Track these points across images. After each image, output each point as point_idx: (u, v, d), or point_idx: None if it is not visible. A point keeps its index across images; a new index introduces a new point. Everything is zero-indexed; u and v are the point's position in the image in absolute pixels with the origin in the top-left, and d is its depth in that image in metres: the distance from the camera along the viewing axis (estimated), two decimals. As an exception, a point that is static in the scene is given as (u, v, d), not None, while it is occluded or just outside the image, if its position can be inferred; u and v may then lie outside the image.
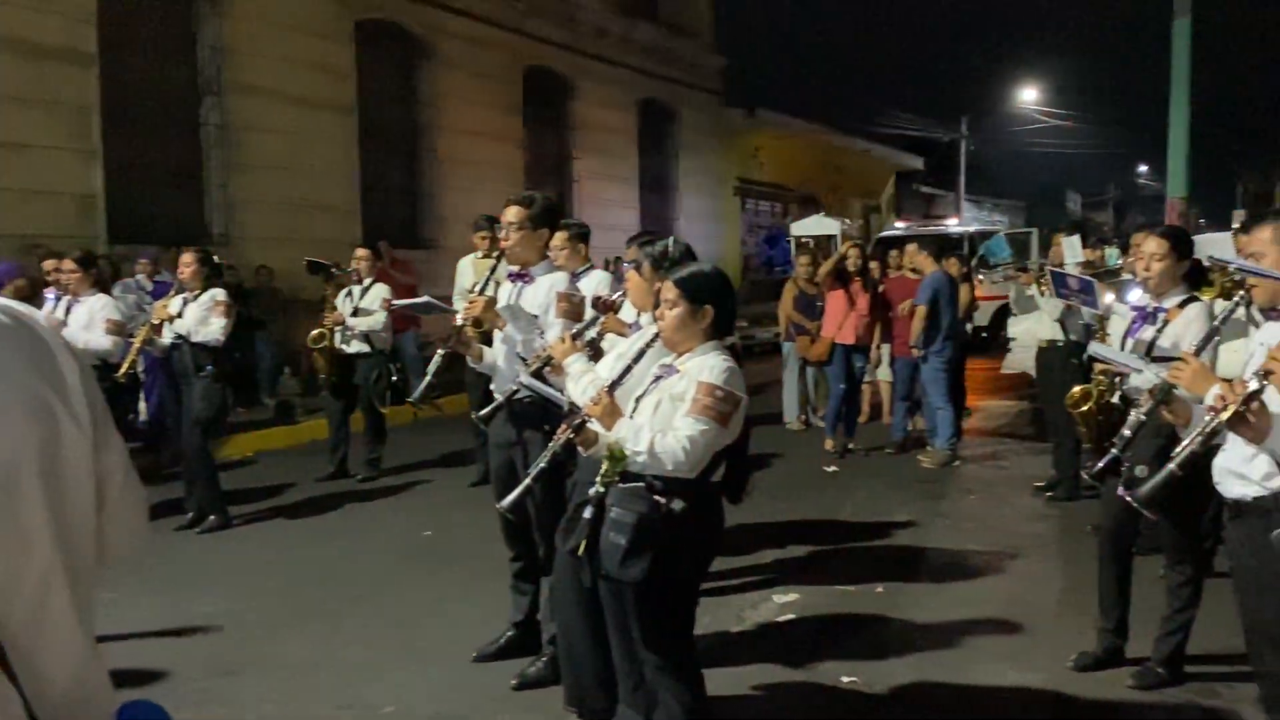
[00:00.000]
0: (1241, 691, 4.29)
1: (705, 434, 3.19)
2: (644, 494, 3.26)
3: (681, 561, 3.32)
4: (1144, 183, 61.76)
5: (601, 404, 3.39)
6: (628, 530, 3.21)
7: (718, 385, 3.23)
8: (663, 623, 3.34)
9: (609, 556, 3.26)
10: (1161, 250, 4.59)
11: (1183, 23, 14.22)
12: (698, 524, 3.32)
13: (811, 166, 29.42)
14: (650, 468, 3.23)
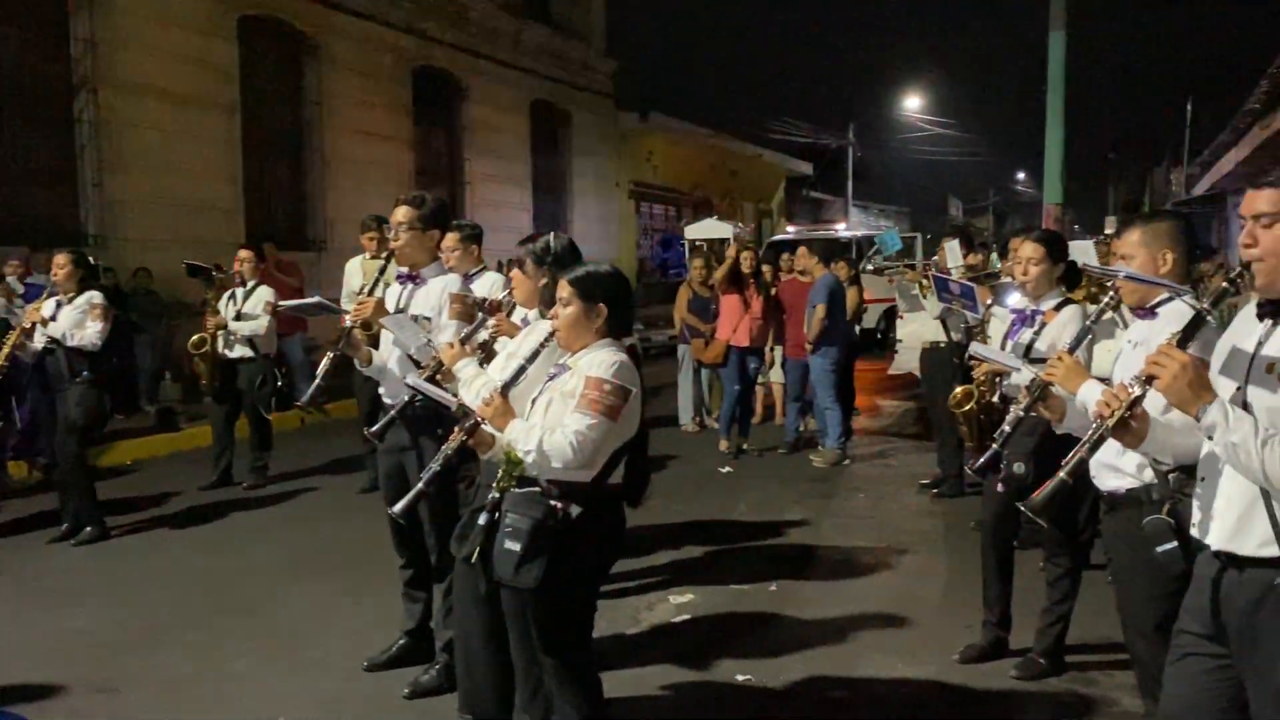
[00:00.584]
0: (1119, 679, 4.46)
1: (594, 429, 3.14)
2: (539, 499, 3.21)
3: (579, 566, 3.27)
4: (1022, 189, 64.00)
5: (493, 405, 3.33)
6: (522, 536, 3.16)
7: (605, 379, 3.19)
8: (561, 628, 3.30)
9: (503, 563, 3.20)
10: (1038, 255, 4.74)
11: (1057, 35, 14.73)
12: (596, 528, 3.28)
13: (705, 170, 29.70)
14: (541, 467, 3.18)
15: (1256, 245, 2.39)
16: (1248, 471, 2.28)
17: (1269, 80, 15.06)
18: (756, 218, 33.09)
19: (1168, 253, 3.50)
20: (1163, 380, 2.34)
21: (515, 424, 3.27)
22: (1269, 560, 2.32)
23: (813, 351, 9.34)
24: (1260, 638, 2.34)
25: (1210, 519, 2.47)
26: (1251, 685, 2.39)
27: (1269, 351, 2.38)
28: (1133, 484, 3.45)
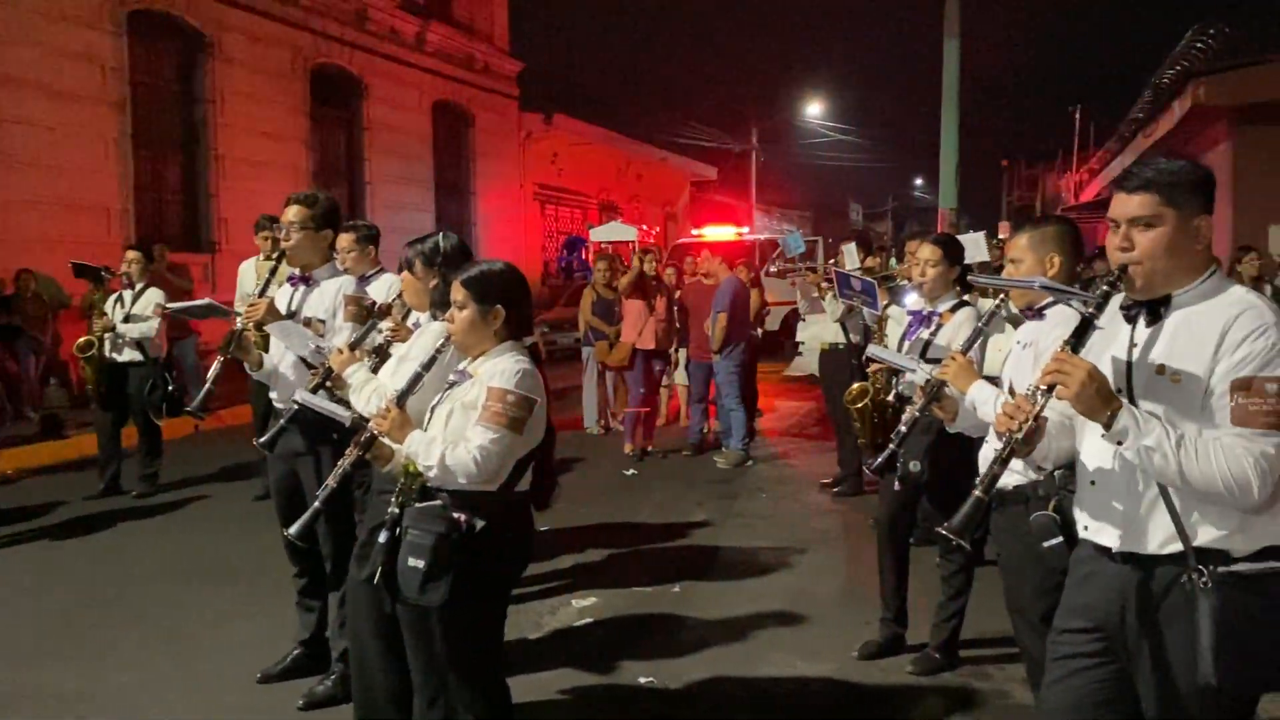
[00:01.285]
0: (1011, 671, 4.57)
1: (498, 442, 3.05)
2: (442, 512, 3.09)
3: (487, 580, 3.16)
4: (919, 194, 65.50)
5: (390, 417, 3.19)
6: (426, 553, 3.03)
7: (509, 390, 3.09)
8: (470, 644, 3.18)
9: (408, 581, 3.06)
10: (935, 257, 4.83)
11: (952, 43, 15.11)
12: (503, 539, 3.16)
13: (610, 173, 29.73)
14: (445, 482, 3.08)
15: (1134, 249, 2.42)
16: (1161, 474, 2.30)
17: (1152, 90, 15.66)
18: (662, 220, 33.25)
19: (1055, 256, 3.61)
20: (1070, 389, 2.32)
21: (415, 436, 3.15)
22: (1171, 558, 2.36)
23: (716, 354, 9.40)
24: (1161, 635, 2.38)
25: (1108, 522, 2.48)
26: (1146, 684, 2.43)
27: (1155, 356, 2.41)
28: (1020, 481, 3.54)
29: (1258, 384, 2.26)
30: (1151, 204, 2.41)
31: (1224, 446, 2.25)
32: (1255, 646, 2.29)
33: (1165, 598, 2.37)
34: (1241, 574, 2.32)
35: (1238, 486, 2.24)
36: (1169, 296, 2.44)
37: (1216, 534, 2.33)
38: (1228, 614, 2.27)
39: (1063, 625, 2.60)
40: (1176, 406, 2.36)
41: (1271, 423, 2.25)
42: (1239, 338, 2.30)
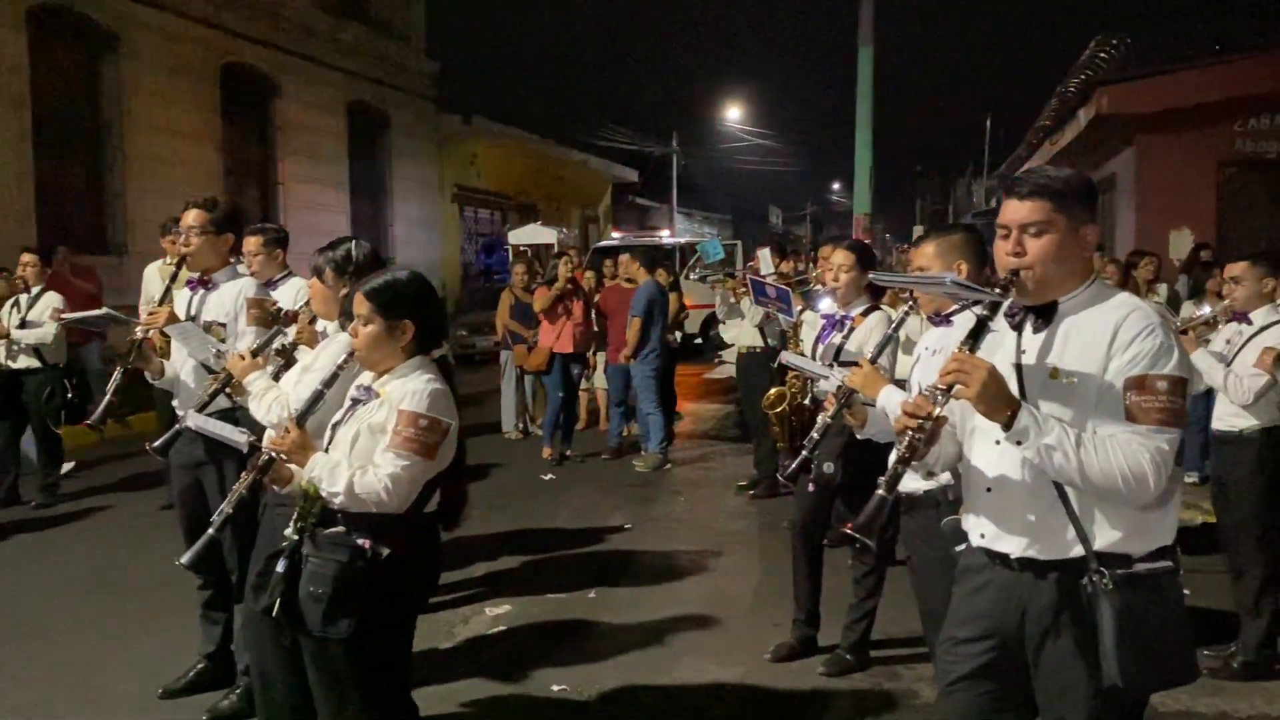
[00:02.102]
0: (920, 671, 4.64)
1: (409, 470, 2.90)
2: (345, 539, 2.95)
3: (394, 608, 3.03)
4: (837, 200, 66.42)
5: (290, 438, 3.02)
6: (328, 582, 2.89)
7: (421, 414, 2.93)
8: (376, 673, 3.04)
9: (309, 612, 2.93)
10: (848, 262, 4.88)
11: (866, 51, 15.36)
12: (410, 563, 3.03)
13: (530, 175, 29.61)
14: (350, 508, 2.94)
15: (1025, 254, 2.45)
16: (1061, 473, 2.32)
17: (1058, 99, 16.06)
18: (583, 223, 33.23)
19: (961, 263, 3.66)
20: (971, 389, 2.33)
21: (318, 459, 2.98)
22: (1073, 562, 2.40)
23: (634, 358, 9.40)
24: (1060, 638, 2.42)
25: (1005, 529, 2.50)
26: (1047, 689, 2.46)
27: (1049, 359, 2.45)
28: (929, 485, 3.59)
29: (1149, 382, 2.32)
30: (1043, 210, 2.45)
31: (1121, 443, 2.30)
32: (1152, 645, 2.34)
33: (1066, 602, 2.41)
34: (1139, 575, 2.38)
35: (1136, 481, 2.28)
36: (1055, 302, 2.48)
37: (1115, 537, 2.38)
38: (1127, 615, 2.31)
39: (956, 635, 2.61)
40: (1073, 407, 2.39)
41: (1164, 419, 2.31)
42: (1129, 337, 2.35)
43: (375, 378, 3.11)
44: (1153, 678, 2.40)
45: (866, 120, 15.53)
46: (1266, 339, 4.66)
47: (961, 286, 2.67)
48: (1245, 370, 4.64)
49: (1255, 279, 4.80)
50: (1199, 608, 5.24)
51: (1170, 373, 2.32)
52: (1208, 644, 4.83)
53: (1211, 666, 4.68)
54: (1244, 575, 4.74)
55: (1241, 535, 4.77)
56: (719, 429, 11.43)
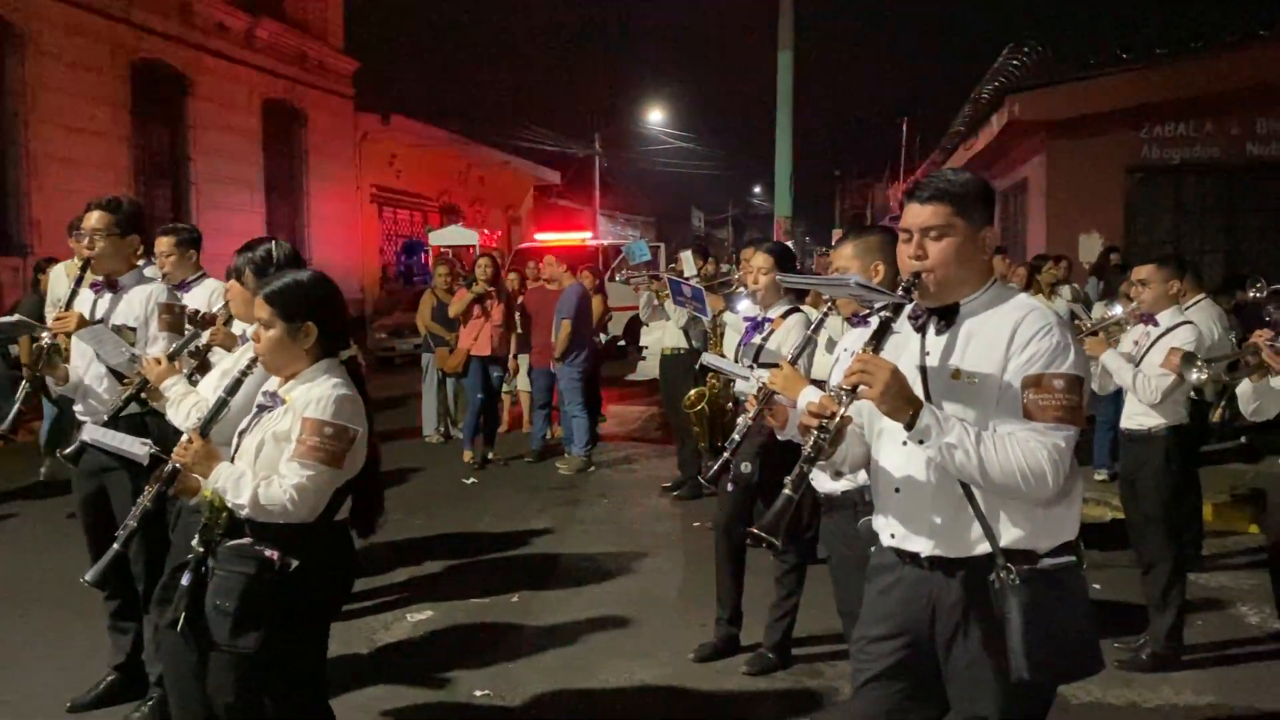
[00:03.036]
0: (841, 668, 4.66)
1: (314, 479, 2.84)
2: (252, 551, 2.88)
3: (305, 620, 2.96)
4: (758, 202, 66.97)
5: (193, 449, 2.94)
6: (235, 595, 2.84)
7: (326, 421, 2.86)
8: (288, 688, 2.97)
9: (217, 626, 2.86)
10: (767, 264, 4.90)
11: (786, 55, 15.47)
12: (321, 573, 2.95)
13: (451, 176, 29.32)
14: (258, 519, 2.87)
15: (927, 257, 2.50)
16: (963, 471, 2.36)
17: (972, 105, 16.40)
18: (505, 224, 33.01)
19: (879, 264, 3.71)
20: (875, 390, 2.36)
21: (222, 470, 2.90)
22: (981, 559, 2.44)
23: (559, 360, 9.36)
24: (970, 634, 2.46)
25: (914, 529, 2.54)
26: (958, 685, 2.51)
27: (951, 360, 2.50)
28: (847, 486, 3.63)
29: (1046, 380, 2.37)
30: (944, 214, 2.49)
31: (1019, 440, 2.35)
32: (1058, 638, 2.40)
33: (975, 599, 2.45)
34: (1044, 570, 2.43)
35: (1034, 478, 2.33)
36: (957, 304, 2.53)
37: (1020, 533, 2.43)
38: (1033, 609, 2.36)
39: (867, 634, 2.64)
40: (974, 407, 2.44)
41: (1061, 416, 2.36)
42: (1026, 337, 2.40)
43: (281, 383, 3.03)
44: (1059, 670, 2.46)
45: (786, 124, 15.65)
46: (1173, 340, 4.80)
47: (864, 288, 2.72)
48: (1153, 370, 4.77)
49: (1161, 281, 4.94)
50: (1109, 601, 5.41)
51: (1066, 371, 2.38)
52: (1118, 637, 4.97)
53: (1121, 659, 4.82)
54: (1152, 570, 4.88)
55: (1149, 531, 4.90)
56: (643, 431, 11.44)
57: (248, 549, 2.88)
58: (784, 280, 4.68)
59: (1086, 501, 6.77)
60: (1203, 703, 4.46)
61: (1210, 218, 12.70)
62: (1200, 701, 4.47)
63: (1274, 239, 12.26)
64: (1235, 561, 6.43)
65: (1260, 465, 8.21)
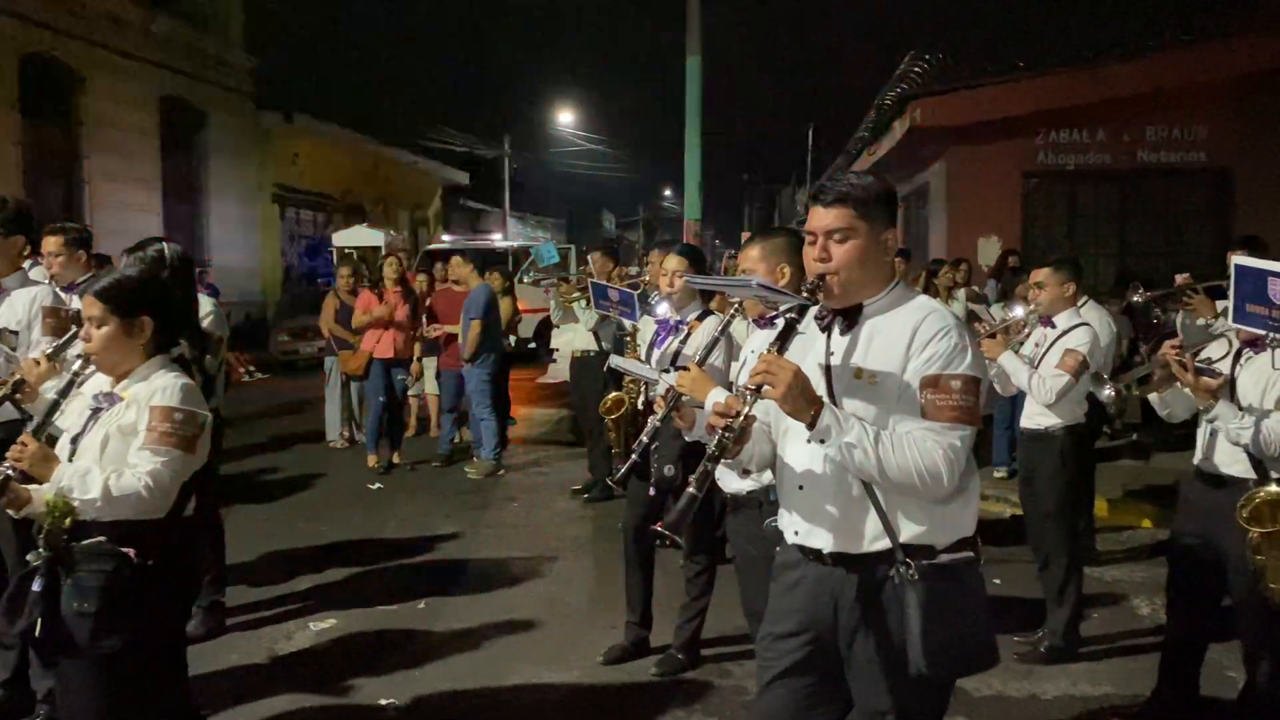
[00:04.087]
0: (750, 667, 4.68)
1: (170, 465, 2.82)
2: (108, 548, 2.82)
3: (162, 619, 2.92)
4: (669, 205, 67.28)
5: (30, 451, 2.84)
6: (95, 595, 2.77)
7: (175, 407, 2.87)
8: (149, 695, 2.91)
9: (77, 630, 2.79)
10: (681, 267, 4.90)
11: (694, 60, 15.55)
12: (175, 571, 2.93)
13: (357, 176, 28.84)
14: (109, 514, 2.80)
15: (831, 259, 2.53)
16: (862, 469, 2.39)
17: (875, 111, 16.69)
18: (412, 226, 32.61)
19: (785, 266, 3.74)
20: (778, 390, 2.39)
21: (64, 469, 2.83)
22: (880, 555, 2.48)
23: (468, 362, 9.25)
24: (870, 629, 2.49)
25: (817, 525, 2.57)
26: (860, 679, 2.53)
27: (853, 360, 2.53)
28: (753, 486, 3.65)
29: (944, 381, 2.41)
30: (846, 217, 2.53)
31: (916, 440, 2.39)
32: (956, 632, 2.44)
33: (876, 594, 2.49)
34: (942, 565, 2.47)
35: (930, 477, 2.37)
36: (861, 305, 2.57)
37: (919, 529, 2.47)
38: (931, 604, 2.40)
39: (772, 630, 2.67)
40: (875, 406, 2.48)
41: (957, 416, 2.40)
42: (926, 339, 2.45)
43: (114, 383, 3.01)
44: (956, 664, 2.50)
45: (695, 128, 15.72)
46: (1068, 341, 4.93)
47: (765, 289, 2.74)
48: (1049, 371, 4.89)
49: (1057, 284, 5.07)
50: (1009, 596, 5.54)
51: (963, 372, 2.42)
52: (1017, 631, 5.09)
53: (1021, 652, 4.93)
54: (1049, 565, 5.00)
55: (1046, 528, 5.03)
56: (553, 433, 11.37)
57: (104, 547, 2.83)
58: (690, 282, 4.69)
59: (986, 498, 6.94)
60: (1098, 693, 4.59)
61: (1103, 222, 13.11)
62: (1096, 692, 4.60)
63: (1163, 241, 12.71)
64: (1129, 556, 6.63)
65: (1151, 462, 8.51)
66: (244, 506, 7.71)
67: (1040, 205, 13.13)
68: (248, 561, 6.32)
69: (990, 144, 12.71)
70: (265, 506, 8.04)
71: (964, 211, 12.87)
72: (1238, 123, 12.22)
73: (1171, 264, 9.84)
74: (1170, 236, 12.76)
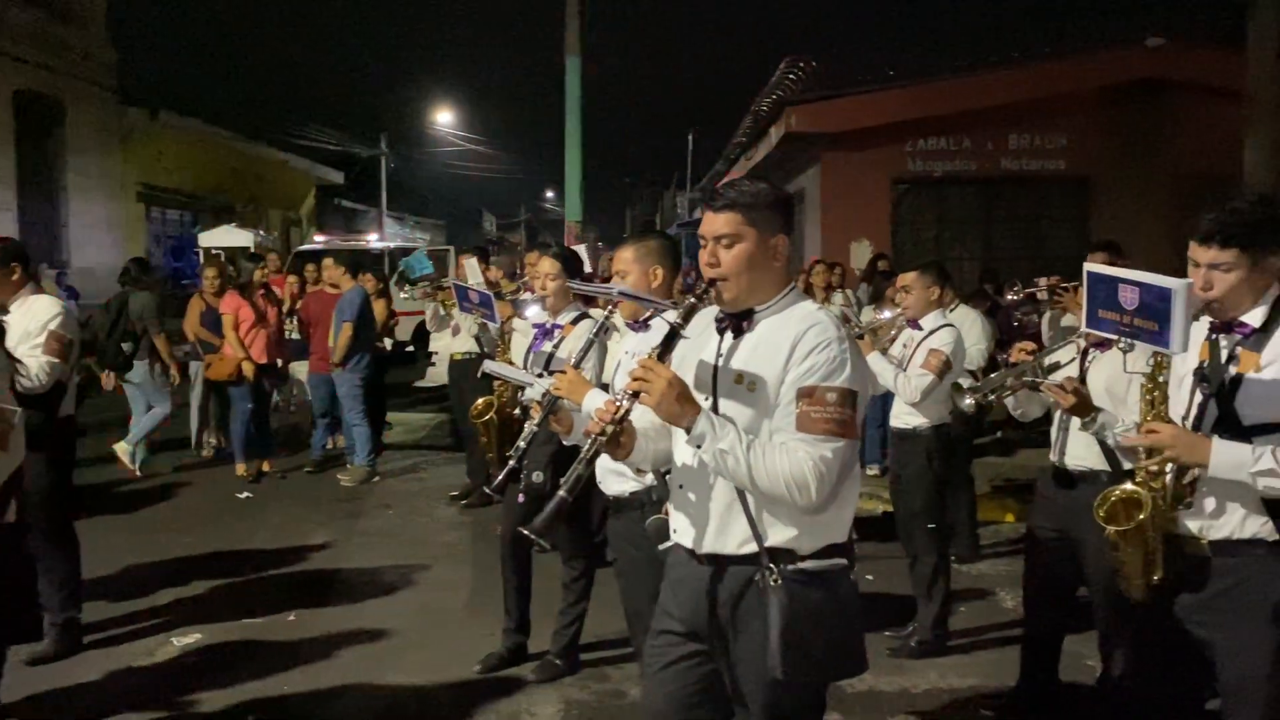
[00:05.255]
0: (628, 671, 4.71)
1: None
2: None
3: None
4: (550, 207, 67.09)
5: None
6: None
7: None
8: None
9: None
10: (555, 270, 4.86)
11: (574, 60, 15.54)
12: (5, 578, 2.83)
13: (226, 174, 27.94)
14: None
15: (720, 264, 2.55)
16: (734, 476, 2.41)
17: (753, 116, 16.92)
18: (284, 226, 31.75)
19: (657, 269, 3.76)
20: (652, 396, 2.41)
21: None
22: (748, 557, 2.50)
23: (341, 367, 9.03)
24: (741, 629, 2.51)
25: (694, 524, 2.60)
26: (732, 676, 2.56)
27: (736, 364, 2.55)
28: (635, 487, 3.65)
29: (819, 393, 2.42)
30: (734, 223, 2.55)
31: (788, 450, 2.40)
32: (819, 638, 2.46)
33: (743, 596, 2.51)
34: (808, 570, 2.49)
35: (799, 488, 2.38)
36: (752, 310, 2.58)
37: (788, 534, 2.49)
38: (795, 609, 2.43)
39: (657, 627, 2.70)
40: (752, 411, 2.50)
41: (830, 429, 2.41)
42: (806, 349, 2.46)
43: None
44: (818, 671, 2.51)
45: (576, 129, 15.71)
46: (933, 342, 5.06)
47: (625, 295, 2.72)
48: (914, 371, 5.02)
49: (923, 287, 5.20)
50: (881, 593, 5.66)
51: (840, 385, 2.43)
52: (889, 626, 5.21)
53: (893, 647, 5.05)
54: (918, 561, 5.13)
55: (915, 525, 5.15)
56: (431, 438, 11.19)
57: None
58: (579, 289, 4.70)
59: (860, 496, 7.08)
60: (966, 685, 4.72)
61: (969, 227, 13.56)
62: (964, 684, 4.73)
63: (1024, 246, 13.23)
64: (994, 550, 6.85)
65: (1015, 458, 8.82)
66: (103, 518, 7.39)
67: (909, 210, 13.51)
68: (106, 576, 6.05)
69: (862, 150, 13.03)
70: (125, 518, 7.71)
71: (837, 216, 13.14)
72: (1095, 132, 12.81)
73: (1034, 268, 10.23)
74: (1032, 241, 13.29)
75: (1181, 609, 2.79)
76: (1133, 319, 2.69)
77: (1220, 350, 2.78)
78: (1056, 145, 13.09)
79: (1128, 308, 2.69)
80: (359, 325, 9.01)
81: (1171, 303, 2.58)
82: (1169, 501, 2.75)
